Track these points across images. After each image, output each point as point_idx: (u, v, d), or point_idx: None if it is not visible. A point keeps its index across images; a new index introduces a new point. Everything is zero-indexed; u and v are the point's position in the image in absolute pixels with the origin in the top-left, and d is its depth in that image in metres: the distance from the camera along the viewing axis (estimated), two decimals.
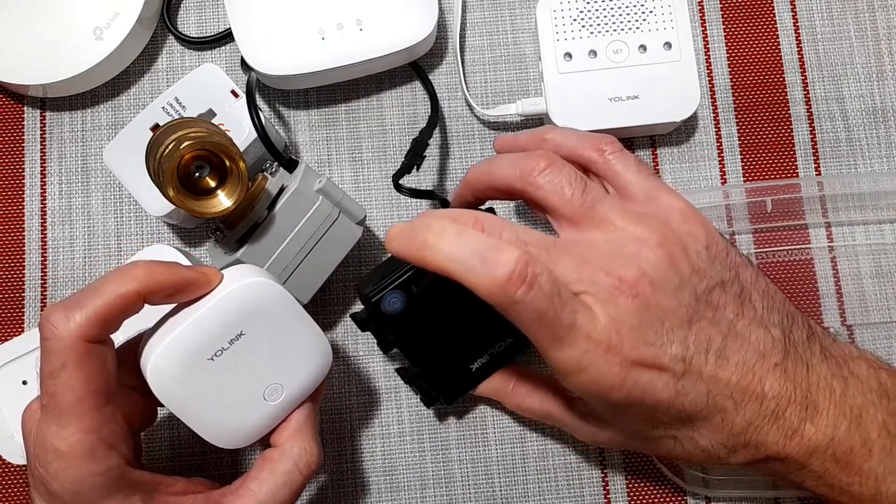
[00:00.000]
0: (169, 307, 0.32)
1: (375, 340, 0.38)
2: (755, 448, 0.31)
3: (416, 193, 0.40)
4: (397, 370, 0.40)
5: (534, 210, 0.34)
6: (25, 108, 0.44)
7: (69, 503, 0.29)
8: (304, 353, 0.33)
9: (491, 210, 0.38)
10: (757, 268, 0.33)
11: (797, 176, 0.44)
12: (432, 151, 0.44)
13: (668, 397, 0.30)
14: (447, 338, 0.37)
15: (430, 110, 0.44)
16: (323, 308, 0.42)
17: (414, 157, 0.40)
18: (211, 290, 0.31)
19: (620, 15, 0.42)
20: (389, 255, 0.35)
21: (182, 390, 0.31)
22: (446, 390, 0.38)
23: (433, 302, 0.36)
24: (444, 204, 0.41)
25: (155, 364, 0.30)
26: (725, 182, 0.44)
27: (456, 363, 0.38)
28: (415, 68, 0.44)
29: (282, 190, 0.38)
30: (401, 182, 0.40)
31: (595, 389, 0.29)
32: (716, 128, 0.44)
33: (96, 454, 0.29)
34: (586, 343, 0.28)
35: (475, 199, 0.36)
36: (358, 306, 0.42)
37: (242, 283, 0.31)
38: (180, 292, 0.31)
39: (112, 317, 0.29)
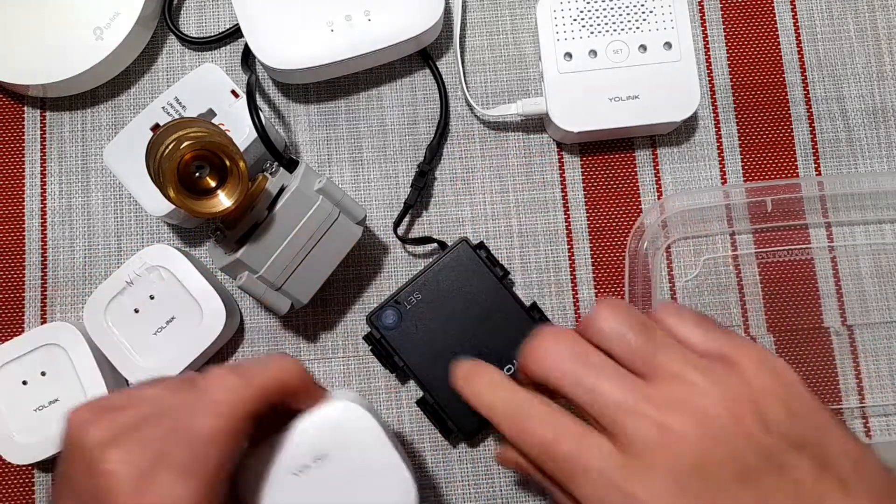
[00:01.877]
0: None
1: (389, 369, 0.41)
2: None
3: (416, 241, 0.42)
4: (417, 402, 0.40)
5: None
6: (25, 108, 0.44)
7: None
8: (386, 486, 0.32)
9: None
10: (849, 430, 0.29)
11: (797, 176, 0.44)
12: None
13: None
14: (453, 360, 0.38)
15: (433, 111, 0.44)
16: (323, 308, 0.42)
17: (414, 195, 0.42)
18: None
19: (620, 15, 0.42)
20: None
21: (266, 499, 0.31)
22: (462, 419, 0.39)
23: (428, 318, 0.39)
24: (442, 246, 0.42)
25: (243, 467, 0.30)
26: (725, 182, 0.44)
27: None
28: (424, 56, 0.44)
29: (282, 190, 0.38)
30: (400, 234, 0.42)
31: None
32: (716, 128, 0.44)
33: None
34: (598, 476, 0.28)
35: None
36: (357, 316, 0.43)
37: (333, 404, 0.32)
38: (308, 397, 0.32)
39: (269, 398, 0.30)
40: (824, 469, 0.27)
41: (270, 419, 0.31)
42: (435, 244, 0.42)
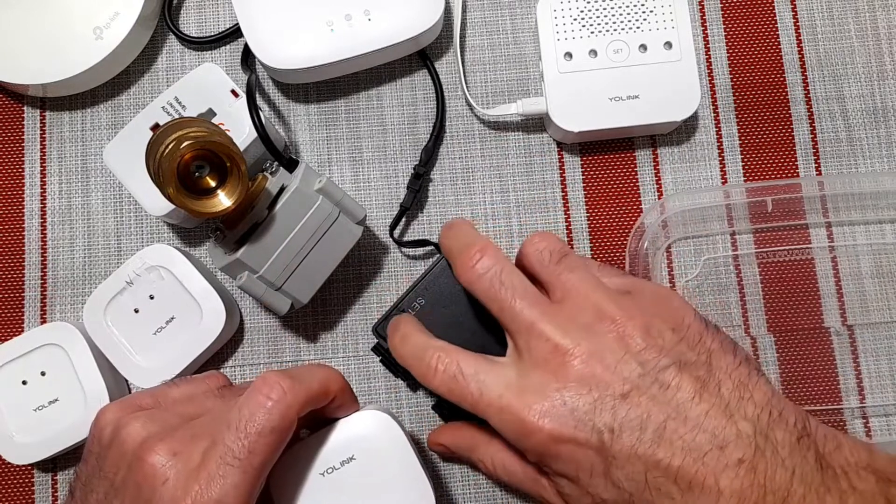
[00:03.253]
0: None
1: (401, 378, 0.41)
2: None
3: (412, 244, 0.42)
4: (433, 407, 0.40)
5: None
6: (25, 108, 0.44)
7: None
8: (406, 492, 0.33)
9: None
10: (744, 359, 0.31)
11: (798, 176, 0.44)
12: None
13: (600, 468, 0.29)
14: None
15: (434, 112, 0.44)
16: (323, 308, 0.42)
17: (410, 197, 0.42)
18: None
19: (621, 14, 0.42)
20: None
21: (294, 495, 0.33)
22: (479, 419, 0.38)
23: (433, 323, 0.38)
24: (439, 249, 0.41)
25: (277, 465, 0.31)
26: (726, 182, 0.44)
27: None
28: (422, 57, 0.44)
29: (282, 190, 0.38)
30: (396, 236, 0.42)
31: (524, 444, 0.30)
32: (716, 127, 0.44)
33: None
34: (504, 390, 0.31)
35: None
36: (357, 316, 0.43)
37: (362, 412, 0.34)
38: (344, 405, 0.34)
39: (315, 401, 0.31)
40: (705, 389, 0.29)
41: (300, 426, 0.33)
42: (432, 246, 0.42)
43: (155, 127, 0.40)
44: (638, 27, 0.42)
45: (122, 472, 0.29)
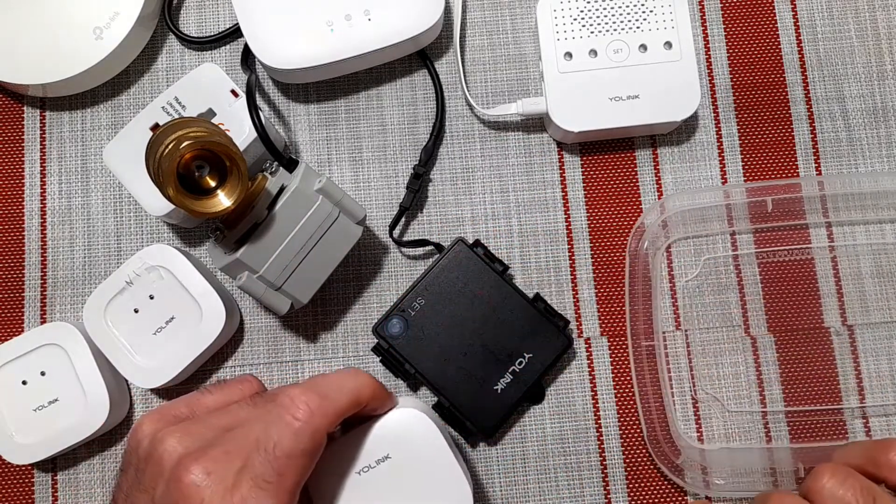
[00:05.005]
0: None
1: (401, 378, 0.41)
2: None
3: (412, 244, 0.42)
4: (433, 407, 0.40)
5: None
6: (25, 108, 0.44)
7: None
8: (443, 490, 0.34)
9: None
10: None
11: (798, 175, 0.44)
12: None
13: None
14: (463, 361, 0.39)
15: (434, 112, 0.44)
16: (323, 308, 0.42)
17: (409, 197, 0.42)
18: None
19: (621, 14, 0.42)
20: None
21: (332, 494, 0.33)
22: (479, 418, 0.39)
23: (433, 322, 0.39)
24: (438, 248, 0.42)
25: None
26: (726, 182, 0.44)
27: (479, 385, 0.39)
28: (422, 57, 0.44)
29: (282, 190, 0.38)
30: (395, 236, 0.42)
31: None
32: (716, 127, 0.44)
33: None
34: None
35: None
36: (357, 316, 0.43)
37: (397, 410, 0.34)
38: (379, 407, 0.33)
39: (345, 414, 0.31)
40: None
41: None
42: (431, 246, 0.42)
43: (155, 127, 0.40)
44: (638, 27, 0.42)
45: (160, 488, 0.29)
